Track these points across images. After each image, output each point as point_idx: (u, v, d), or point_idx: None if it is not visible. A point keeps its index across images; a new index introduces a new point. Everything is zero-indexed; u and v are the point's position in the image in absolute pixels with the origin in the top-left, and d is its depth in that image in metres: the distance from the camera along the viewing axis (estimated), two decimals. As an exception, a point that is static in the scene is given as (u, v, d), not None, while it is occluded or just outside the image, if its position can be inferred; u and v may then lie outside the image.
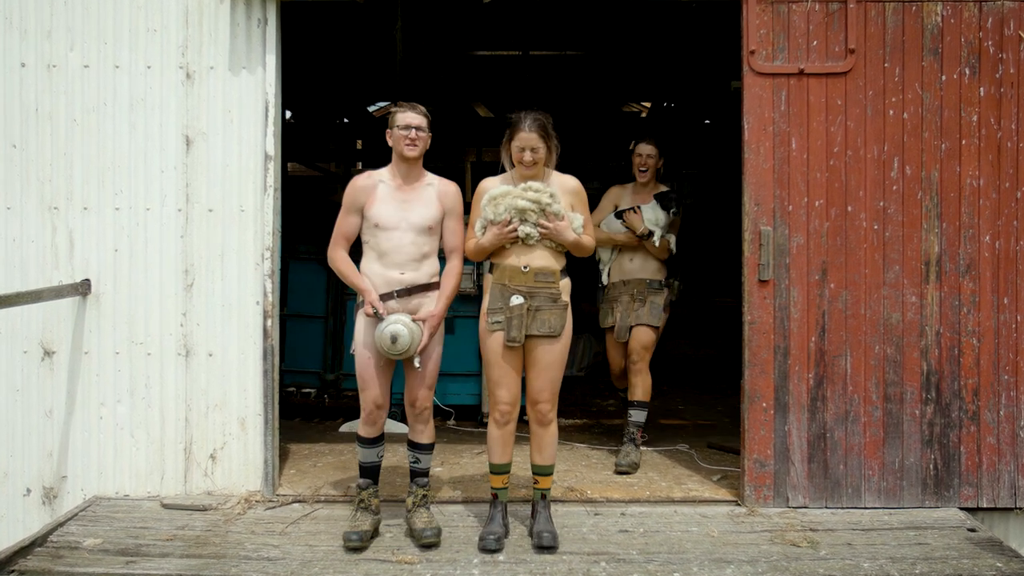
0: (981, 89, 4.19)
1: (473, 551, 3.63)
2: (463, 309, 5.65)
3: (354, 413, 6.11)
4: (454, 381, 5.85)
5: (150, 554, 3.63)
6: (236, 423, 4.38)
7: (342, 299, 6.14)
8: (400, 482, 4.46)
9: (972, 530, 3.93)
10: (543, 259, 3.63)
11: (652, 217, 4.83)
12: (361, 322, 3.70)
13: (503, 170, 3.79)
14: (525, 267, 3.61)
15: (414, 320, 3.65)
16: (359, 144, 10.99)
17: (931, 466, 4.21)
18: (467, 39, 8.49)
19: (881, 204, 4.20)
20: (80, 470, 4.38)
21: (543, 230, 3.59)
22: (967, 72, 4.19)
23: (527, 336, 3.60)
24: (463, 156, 10.93)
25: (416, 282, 3.70)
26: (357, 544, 3.63)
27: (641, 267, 4.87)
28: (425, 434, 3.80)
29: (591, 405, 6.65)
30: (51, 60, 4.36)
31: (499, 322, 3.61)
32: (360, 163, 11.17)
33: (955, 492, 4.22)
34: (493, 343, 3.64)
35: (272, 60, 4.32)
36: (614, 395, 6.74)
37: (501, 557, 3.58)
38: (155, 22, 4.34)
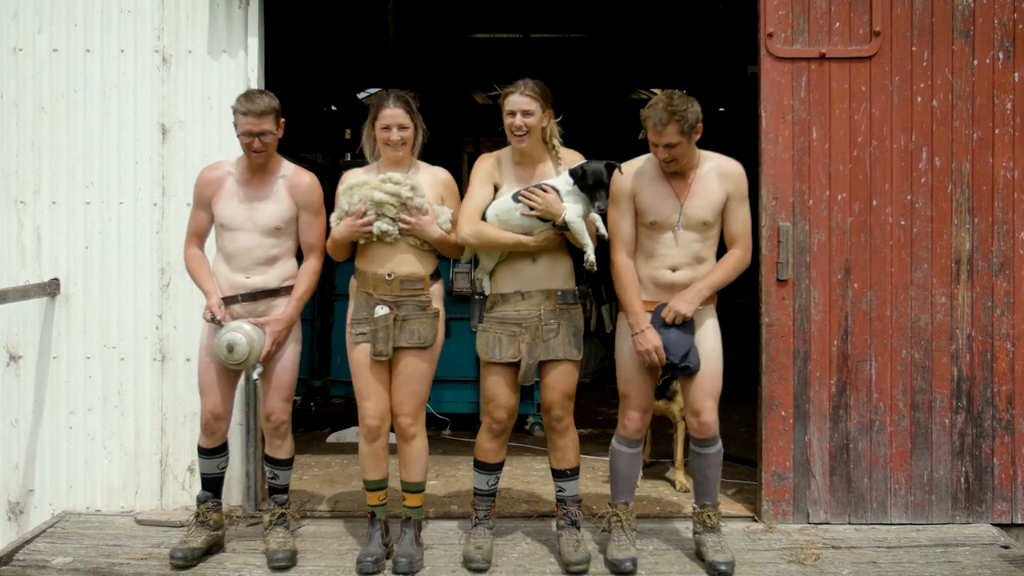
0: (1016, 74, 4.19)
1: (467, 572, 3.63)
2: (459, 311, 5.63)
3: (342, 422, 6.13)
4: (450, 388, 5.84)
5: (123, 574, 3.63)
6: (216, 433, 4.37)
7: (329, 300, 6.14)
8: (393, 496, 4.45)
9: (1006, 547, 3.92)
10: (409, 264, 3.56)
11: (578, 208, 3.49)
12: (205, 325, 3.68)
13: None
14: (389, 275, 3.54)
15: (261, 326, 3.60)
16: (347, 133, 10.99)
17: (962, 479, 4.21)
18: (464, 21, 8.50)
19: (908, 198, 4.19)
20: (48, 483, 4.37)
21: (404, 225, 3.52)
22: (1000, 56, 4.19)
23: (395, 348, 3.56)
24: (460, 146, 10.95)
25: (264, 286, 3.66)
26: (181, 563, 3.60)
27: (549, 272, 3.57)
28: (283, 449, 3.78)
29: (597, 414, 6.65)
30: (17, 43, 4.35)
31: (364, 333, 3.57)
32: (349, 154, 11.17)
33: (988, 507, 4.21)
34: (359, 354, 3.59)
35: (255, 43, 4.32)
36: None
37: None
38: (129, 3, 4.33)
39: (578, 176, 3.48)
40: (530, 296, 3.56)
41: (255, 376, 3.66)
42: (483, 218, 3.58)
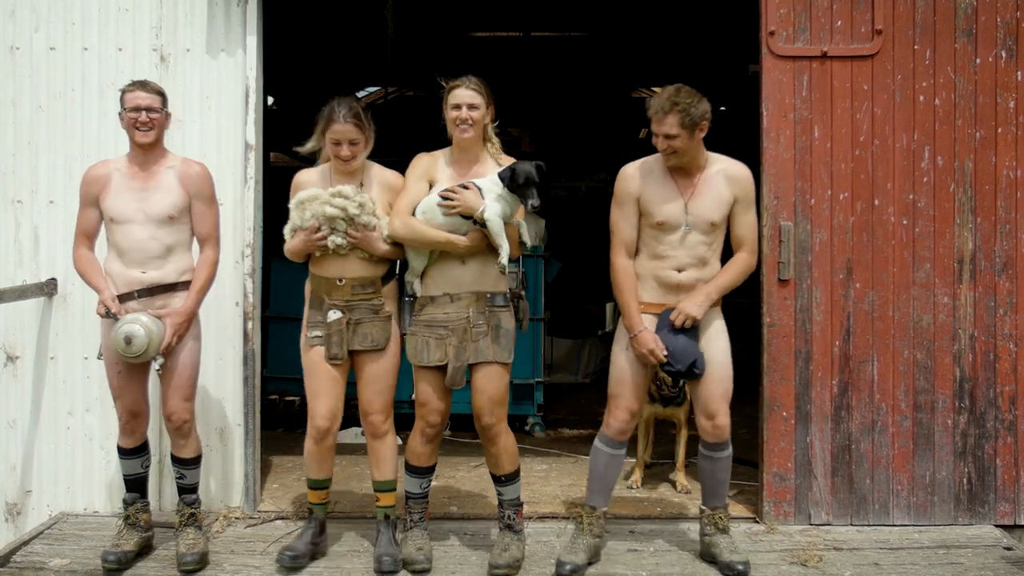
0: (1019, 73, 4.19)
1: (472, 571, 3.62)
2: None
3: (342, 423, 6.11)
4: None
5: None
6: (214, 434, 4.37)
7: (329, 300, 6.12)
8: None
9: (1008, 548, 3.93)
10: (360, 268, 3.57)
11: (498, 208, 3.47)
12: (103, 323, 3.65)
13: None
14: (340, 280, 3.56)
15: (160, 317, 3.57)
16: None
17: (964, 480, 4.20)
18: (464, 19, 8.48)
19: (911, 197, 4.19)
20: (46, 484, 4.37)
21: (351, 239, 3.52)
22: (1003, 55, 4.19)
23: (351, 351, 3.58)
24: (459, 145, 10.93)
25: (161, 281, 3.62)
26: (114, 566, 3.59)
27: (479, 274, 3.54)
28: (187, 448, 3.76)
29: (596, 415, 6.63)
30: (14, 42, 4.34)
31: (319, 337, 3.58)
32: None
33: (990, 508, 4.21)
34: (313, 355, 3.60)
35: (253, 42, 4.31)
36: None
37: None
38: (127, 1, 4.33)
39: (507, 177, 3.45)
40: (459, 298, 3.52)
41: (156, 368, 3.62)
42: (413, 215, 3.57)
